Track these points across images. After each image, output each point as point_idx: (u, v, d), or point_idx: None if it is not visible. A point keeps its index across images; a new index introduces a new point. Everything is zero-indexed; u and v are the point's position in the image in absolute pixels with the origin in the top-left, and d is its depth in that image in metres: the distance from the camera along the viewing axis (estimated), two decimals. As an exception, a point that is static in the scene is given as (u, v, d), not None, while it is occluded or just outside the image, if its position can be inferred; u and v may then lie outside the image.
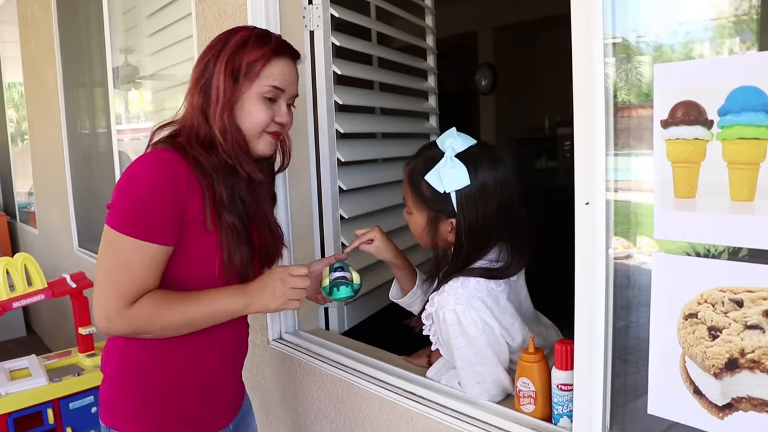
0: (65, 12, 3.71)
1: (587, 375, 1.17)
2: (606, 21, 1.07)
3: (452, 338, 1.34)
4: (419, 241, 1.47)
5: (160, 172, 1.20)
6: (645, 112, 1.05)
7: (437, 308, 1.36)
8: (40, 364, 2.63)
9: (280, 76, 1.31)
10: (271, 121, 1.32)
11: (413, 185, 1.41)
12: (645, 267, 1.10)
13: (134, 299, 1.20)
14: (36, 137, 4.71)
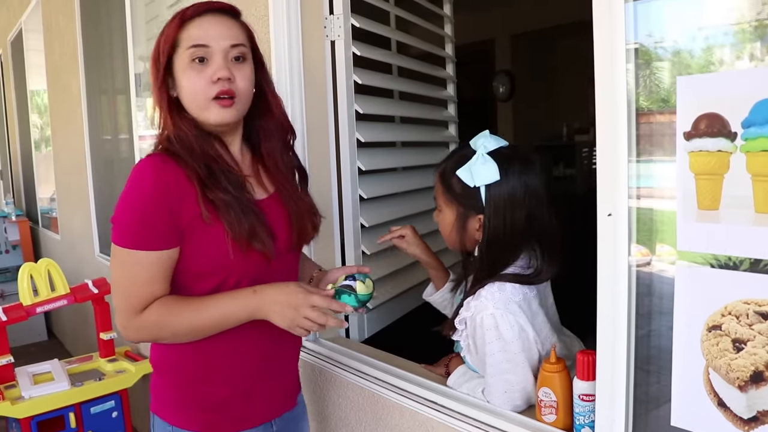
0: (89, 21, 3.76)
1: (609, 385, 1.17)
2: (628, 27, 1.07)
3: (487, 343, 1.36)
4: (448, 243, 1.50)
5: (146, 180, 1.22)
6: (667, 118, 1.05)
7: (474, 313, 1.38)
8: (63, 368, 2.66)
9: (198, 32, 1.25)
10: (209, 82, 1.24)
11: (444, 181, 1.45)
12: (667, 276, 1.10)
13: (141, 307, 1.24)
14: (59, 144, 4.77)
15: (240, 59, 1.28)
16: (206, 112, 1.26)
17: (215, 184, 1.24)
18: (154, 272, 1.22)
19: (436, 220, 1.51)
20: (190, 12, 1.26)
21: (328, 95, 1.91)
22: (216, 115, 1.26)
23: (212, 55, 1.25)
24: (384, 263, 2.09)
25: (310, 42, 1.87)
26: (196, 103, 1.26)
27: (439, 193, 1.48)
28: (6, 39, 6.29)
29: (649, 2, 1.07)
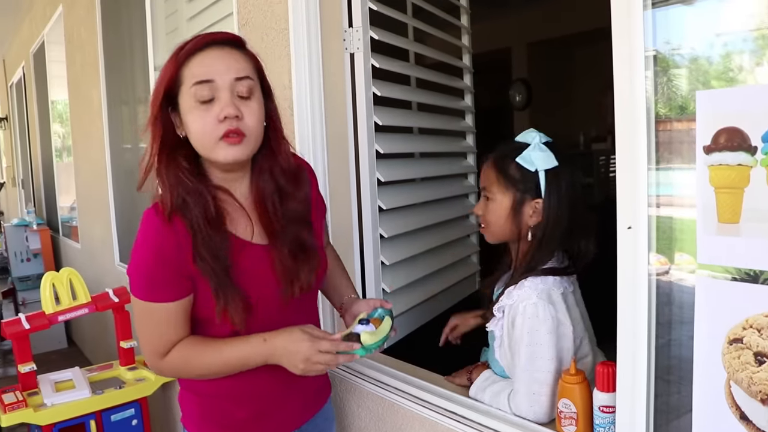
0: (110, 33, 3.81)
1: (630, 397, 1.17)
2: (647, 34, 1.08)
3: (526, 332, 1.39)
4: (494, 232, 1.55)
5: (149, 237, 1.24)
6: (687, 126, 1.06)
7: (516, 301, 1.42)
8: (84, 376, 2.69)
9: (200, 69, 1.19)
10: (216, 121, 1.18)
11: (501, 168, 1.50)
12: (687, 287, 1.10)
13: (165, 351, 1.28)
14: (80, 154, 4.83)
15: (247, 94, 1.22)
16: (215, 152, 1.21)
17: (199, 253, 1.22)
18: (169, 322, 1.26)
19: (481, 212, 1.55)
20: (190, 46, 1.21)
21: (348, 107, 1.92)
22: (224, 154, 1.21)
23: (218, 90, 1.19)
24: (403, 273, 2.10)
25: (330, 55, 1.89)
26: (204, 143, 1.21)
27: (493, 181, 1.51)
28: (29, 51, 6.38)
29: (667, 9, 1.08)
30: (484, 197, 1.54)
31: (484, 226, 1.56)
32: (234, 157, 1.22)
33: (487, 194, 1.53)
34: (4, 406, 2.34)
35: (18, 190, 8.80)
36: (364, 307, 1.43)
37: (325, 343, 1.24)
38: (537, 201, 1.47)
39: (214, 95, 1.19)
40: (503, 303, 1.46)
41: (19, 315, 2.57)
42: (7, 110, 9.04)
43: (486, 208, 1.54)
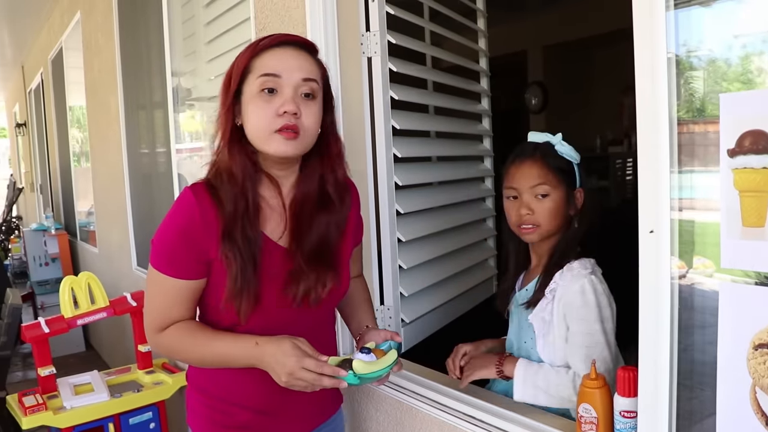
0: (127, 39, 3.85)
1: (652, 402, 1.16)
2: (669, 35, 1.07)
3: (585, 309, 1.43)
4: (547, 229, 1.53)
5: (179, 214, 1.27)
6: (710, 128, 1.05)
7: (569, 282, 1.46)
8: (102, 379, 2.71)
9: (272, 62, 1.23)
10: (275, 114, 1.22)
11: (551, 163, 1.53)
12: (710, 290, 1.08)
13: (162, 327, 1.30)
14: (97, 159, 4.87)
15: (310, 96, 1.26)
16: (268, 143, 1.24)
17: (232, 233, 1.24)
18: (175, 298, 1.29)
19: (537, 209, 1.52)
20: (266, 41, 1.26)
21: (365, 111, 1.92)
22: (277, 146, 1.23)
23: (282, 86, 1.23)
24: (420, 277, 2.09)
25: (347, 59, 1.89)
26: (259, 133, 1.24)
27: (546, 177, 1.52)
28: (47, 57, 6.45)
29: (690, 10, 1.06)
30: (534, 197, 1.52)
31: (534, 227, 1.53)
32: (285, 152, 1.24)
33: (539, 192, 1.52)
34: (25, 408, 2.36)
35: (36, 195, 8.89)
36: (375, 337, 1.41)
37: (311, 361, 1.21)
38: (578, 190, 1.55)
39: (277, 89, 1.23)
40: (557, 283, 1.48)
41: (38, 319, 2.59)
42: (26, 116, 9.14)
43: (541, 206, 1.52)
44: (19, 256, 6.59)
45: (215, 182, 1.28)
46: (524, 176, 1.53)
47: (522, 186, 1.53)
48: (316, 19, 1.85)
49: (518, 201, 1.55)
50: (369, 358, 1.29)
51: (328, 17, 1.85)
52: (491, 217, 2.75)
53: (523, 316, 1.57)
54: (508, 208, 1.58)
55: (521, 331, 1.59)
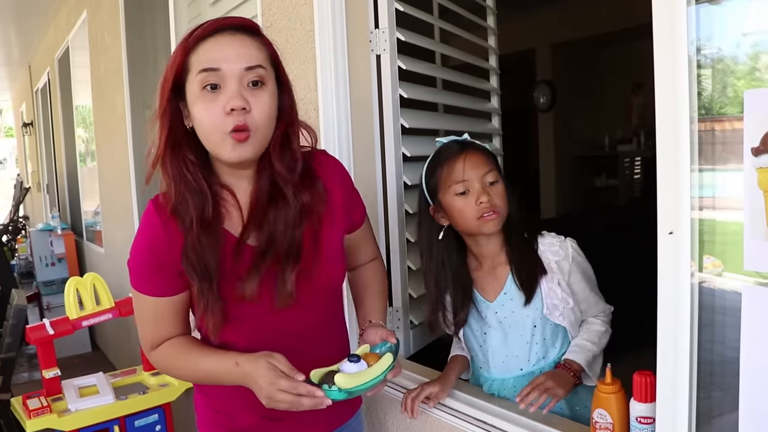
0: (133, 38, 3.83)
1: (671, 408, 1.12)
2: (690, 31, 1.03)
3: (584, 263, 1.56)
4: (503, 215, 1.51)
5: (144, 232, 1.24)
6: (731, 125, 1.02)
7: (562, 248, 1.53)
8: (108, 381, 2.69)
9: (208, 55, 1.11)
10: (223, 114, 1.10)
11: (490, 154, 1.56)
12: (732, 292, 1.05)
13: (155, 344, 1.28)
14: (103, 158, 4.86)
15: (258, 83, 1.14)
16: (221, 148, 1.14)
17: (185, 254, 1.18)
18: (161, 315, 1.26)
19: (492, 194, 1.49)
20: (198, 32, 1.13)
21: (374, 109, 1.90)
22: (230, 152, 1.13)
23: (225, 79, 1.11)
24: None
25: (356, 56, 1.86)
26: (210, 137, 1.14)
27: (491, 163, 1.53)
28: (54, 57, 6.45)
29: (712, 5, 1.03)
30: (484, 184, 1.48)
31: (495, 213, 1.47)
32: (239, 157, 1.15)
33: (489, 179, 1.49)
34: (29, 411, 2.35)
35: (43, 195, 8.90)
36: (372, 336, 1.33)
37: (285, 382, 1.12)
38: None
39: (220, 84, 1.12)
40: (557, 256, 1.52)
41: (43, 320, 2.58)
42: (33, 116, 9.15)
43: (494, 191, 1.49)
44: (26, 256, 6.59)
45: (173, 195, 1.19)
46: (473, 166, 1.49)
47: (472, 176, 1.48)
48: (324, 16, 1.83)
49: (471, 193, 1.48)
50: (357, 368, 1.19)
51: (336, 14, 1.82)
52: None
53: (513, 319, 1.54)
54: (459, 207, 1.49)
55: (517, 335, 1.55)
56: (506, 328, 1.55)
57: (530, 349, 1.54)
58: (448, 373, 1.64)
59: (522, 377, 1.55)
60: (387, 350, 1.26)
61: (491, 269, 1.57)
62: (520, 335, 1.54)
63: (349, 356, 1.21)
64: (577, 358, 1.48)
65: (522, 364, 1.55)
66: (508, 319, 1.54)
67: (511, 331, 1.55)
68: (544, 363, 1.55)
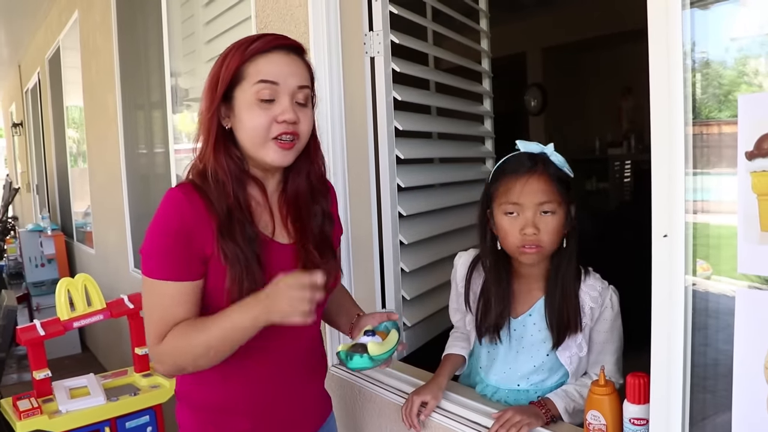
0: (126, 39, 3.83)
1: (665, 410, 1.14)
2: (685, 34, 1.05)
3: (615, 321, 1.49)
4: (549, 247, 1.44)
5: (170, 214, 1.23)
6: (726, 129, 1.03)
7: (602, 296, 1.48)
8: (98, 383, 2.67)
9: (268, 68, 1.22)
10: (273, 121, 1.22)
11: (557, 180, 1.44)
12: (725, 295, 1.06)
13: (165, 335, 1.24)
14: (94, 160, 4.85)
15: (305, 102, 1.27)
16: (263, 151, 1.24)
17: (230, 235, 1.22)
18: (180, 302, 1.23)
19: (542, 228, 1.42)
20: (258, 45, 1.23)
21: (368, 112, 1.90)
22: (273, 156, 1.24)
23: (279, 94, 1.23)
24: (422, 280, 2.07)
25: (350, 59, 1.87)
26: (255, 140, 1.24)
27: (555, 194, 1.42)
28: (44, 57, 6.42)
29: (707, 9, 1.05)
30: (536, 212, 1.42)
31: (537, 248, 1.43)
32: (281, 162, 1.26)
33: (545, 209, 1.42)
34: (20, 413, 2.33)
35: (32, 196, 8.86)
36: (370, 321, 1.41)
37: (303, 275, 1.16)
38: (573, 205, 1.47)
39: (274, 97, 1.22)
40: (592, 296, 1.46)
41: (34, 321, 2.56)
42: (23, 116, 9.10)
43: (545, 224, 1.42)
44: (15, 256, 6.54)
45: (201, 184, 1.25)
46: (530, 192, 1.41)
47: (526, 202, 1.42)
48: (319, 18, 1.83)
49: (520, 218, 1.43)
50: (377, 339, 1.30)
51: (331, 16, 1.83)
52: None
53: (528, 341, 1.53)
54: (505, 227, 1.45)
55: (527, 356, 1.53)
56: (519, 347, 1.54)
57: (534, 372, 1.53)
58: (438, 377, 1.61)
59: (516, 392, 1.55)
60: (390, 327, 1.35)
61: (526, 288, 1.53)
62: (531, 357, 1.52)
63: (365, 331, 1.32)
64: (557, 403, 1.45)
65: (521, 381, 1.54)
66: (525, 340, 1.52)
67: (523, 351, 1.53)
68: (541, 387, 1.53)
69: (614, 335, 1.49)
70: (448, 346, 1.69)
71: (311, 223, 1.35)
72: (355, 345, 1.29)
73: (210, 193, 1.24)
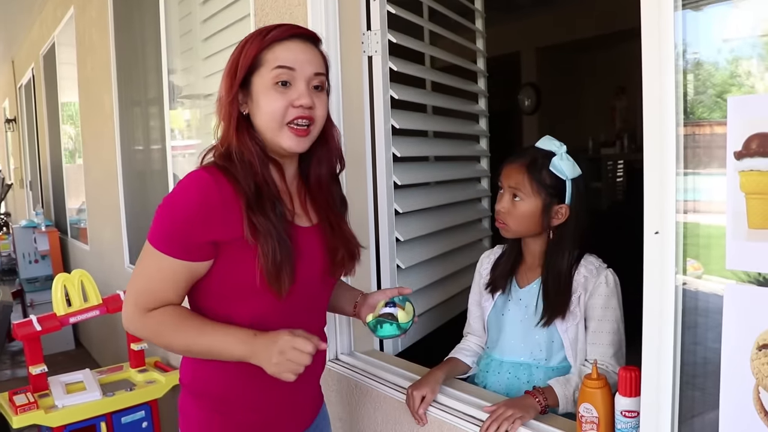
0: (122, 35, 3.83)
1: (655, 402, 1.16)
2: (677, 35, 1.07)
3: (611, 299, 1.54)
4: (516, 228, 1.60)
5: (193, 195, 1.22)
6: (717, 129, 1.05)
7: (596, 272, 1.56)
8: (94, 378, 2.69)
9: (286, 55, 1.26)
10: (289, 106, 1.25)
11: (533, 173, 1.57)
12: (714, 291, 1.09)
13: (150, 307, 1.25)
14: (90, 156, 4.84)
15: (319, 88, 1.30)
16: (279, 135, 1.27)
17: (261, 210, 1.23)
18: (173, 280, 1.24)
19: (506, 208, 1.60)
20: (276, 33, 1.27)
21: (365, 110, 1.92)
22: (288, 141, 1.27)
23: (296, 79, 1.26)
24: (418, 277, 2.09)
25: (348, 57, 1.89)
26: (271, 124, 1.27)
27: (525, 184, 1.57)
28: (39, 53, 6.40)
29: (698, 11, 1.07)
30: (511, 195, 1.59)
31: (504, 223, 1.61)
32: (297, 148, 1.29)
33: (516, 194, 1.58)
34: (16, 407, 2.35)
35: (26, 192, 8.82)
36: (381, 297, 1.47)
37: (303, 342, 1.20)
38: (561, 206, 1.58)
39: (291, 82, 1.26)
40: (582, 277, 1.56)
41: (30, 317, 2.57)
42: (16, 112, 9.07)
43: (512, 206, 1.59)
44: (8, 252, 6.54)
45: (227, 165, 1.26)
46: (507, 176, 1.61)
47: (504, 184, 1.62)
48: (318, 17, 1.85)
49: (500, 198, 1.62)
50: (398, 310, 1.39)
51: (329, 15, 1.84)
52: (487, 218, 2.76)
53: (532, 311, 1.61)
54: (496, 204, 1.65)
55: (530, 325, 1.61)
56: (524, 315, 1.62)
57: (536, 344, 1.60)
58: (436, 372, 1.66)
59: (518, 365, 1.62)
60: (405, 300, 1.43)
61: (531, 262, 1.66)
62: (533, 328, 1.60)
63: (387, 303, 1.41)
64: (557, 389, 1.49)
65: (523, 354, 1.62)
66: (529, 309, 1.62)
67: (527, 320, 1.61)
68: (544, 365, 1.59)
69: (609, 314, 1.54)
70: (454, 350, 1.77)
71: (331, 208, 1.41)
72: (384, 314, 1.38)
73: (237, 173, 1.25)
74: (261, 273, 1.22)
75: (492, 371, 1.66)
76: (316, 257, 1.34)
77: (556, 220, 1.58)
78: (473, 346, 1.75)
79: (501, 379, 1.63)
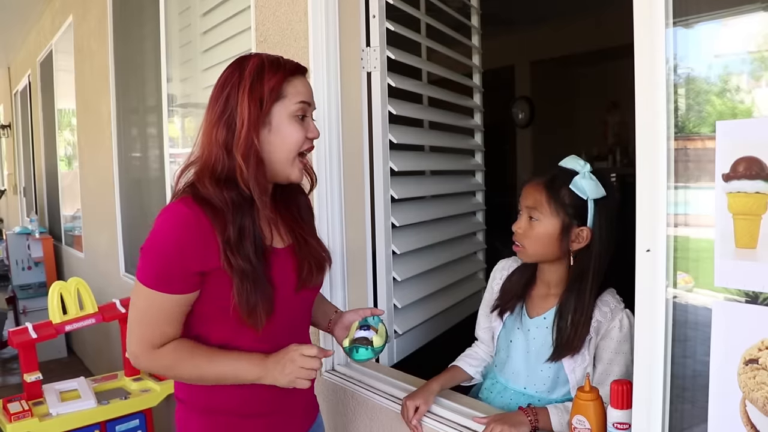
0: (121, 45, 3.84)
1: (646, 415, 1.19)
2: (669, 52, 1.09)
3: (623, 344, 1.46)
4: (533, 251, 1.54)
5: (172, 226, 1.25)
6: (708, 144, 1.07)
7: (613, 314, 1.47)
8: (89, 386, 2.69)
9: (305, 90, 1.33)
10: (305, 138, 1.33)
11: (552, 192, 1.50)
12: (703, 307, 1.11)
13: (158, 343, 1.29)
14: (86, 164, 4.84)
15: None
16: (291, 167, 1.33)
17: (240, 250, 1.25)
18: (169, 314, 1.28)
19: (522, 229, 1.53)
20: (292, 67, 1.33)
21: (364, 125, 1.95)
22: (298, 174, 1.34)
23: (308, 112, 1.34)
24: (414, 289, 2.12)
25: (348, 73, 1.92)
26: (290, 155, 1.32)
27: (544, 203, 1.51)
28: (35, 60, 6.41)
29: (689, 28, 1.10)
30: (527, 216, 1.53)
31: (521, 246, 1.55)
32: (300, 179, 1.36)
33: (532, 215, 1.52)
34: (10, 415, 2.34)
35: (19, 198, 8.79)
36: (354, 317, 1.49)
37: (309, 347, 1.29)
38: (583, 229, 1.50)
39: (306, 115, 1.34)
40: (598, 321, 1.48)
41: (26, 324, 2.57)
42: (11, 118, 9.05)
43: (529, 228, 1.53)
44: (1, 259, 6.51)
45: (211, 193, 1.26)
46: (525, 196, 1.55)
47: (522, 204, 1.55)
48: (318, 34, 1.87)
49: (519, 217, 1.56)
50: (372, 333, 1.40)
51: (330, 32, 1.87)
52: (481, 231, 2.79)
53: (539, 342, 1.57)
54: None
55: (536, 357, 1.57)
56: (531, 348, 1.58)
57: (540, 379, 1.56)
58: (432, 383, 1.66)
59: (520, 395, 1.59)
60: (377, 321, 1.45)
61: (545, 292, 1.60)
62: (540, 361, 1.55)
63: (361, 326, 1.41)
64: (552, 415, 1.47)
65: (527, 384, 1.58)
66: (537, 341, 1.57)
67: (534, 353, 1.57)
68: (546, 398, 1.56)
69: (620, 359, 1.46)
70: (460, 357, 1.75)
71: (297, 221, 1.44)
72: (358, 339, 1.39)
73: (220, 204, 1.25)
74: (235, 309, 1.26)
75: (496, 393, 1.63)
76: (290, 278, 1.36)
77: (577, 244, 1.50)
78: (481, 354, 1.73)
79: (504, 402, 1.61)
